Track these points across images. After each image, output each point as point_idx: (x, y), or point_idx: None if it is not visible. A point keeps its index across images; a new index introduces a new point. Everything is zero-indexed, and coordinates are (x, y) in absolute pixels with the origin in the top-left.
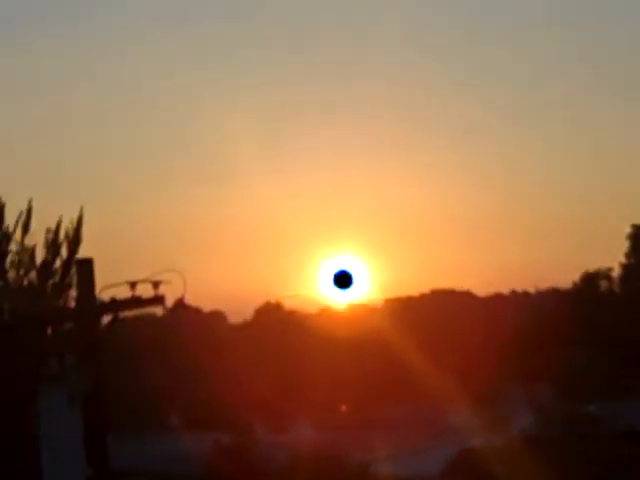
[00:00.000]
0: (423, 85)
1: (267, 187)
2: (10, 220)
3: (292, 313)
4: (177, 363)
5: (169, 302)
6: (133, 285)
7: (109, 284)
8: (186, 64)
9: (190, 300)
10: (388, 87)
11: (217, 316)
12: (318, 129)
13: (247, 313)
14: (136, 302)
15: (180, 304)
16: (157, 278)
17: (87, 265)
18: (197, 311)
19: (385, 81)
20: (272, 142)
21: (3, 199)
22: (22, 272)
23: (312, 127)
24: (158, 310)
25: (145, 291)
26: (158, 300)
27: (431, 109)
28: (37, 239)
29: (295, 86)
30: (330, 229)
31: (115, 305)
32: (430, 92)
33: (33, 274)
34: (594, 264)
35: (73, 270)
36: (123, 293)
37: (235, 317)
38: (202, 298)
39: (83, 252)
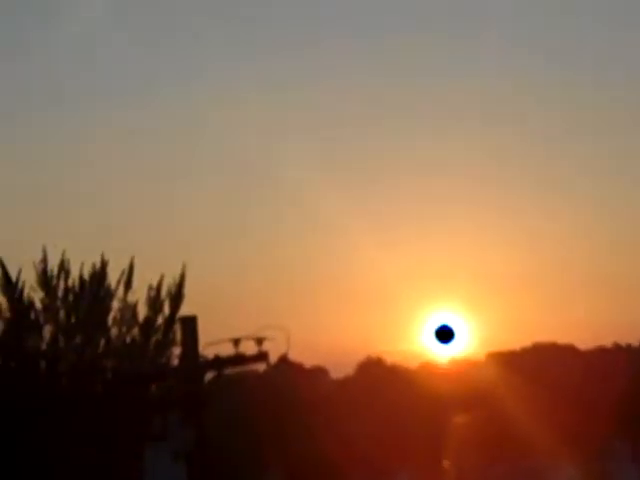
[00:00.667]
0: (509, 148)
1: (369, 241)
2: (113, 277)
3: (394, 367)
4: (278, 419)
5: (272, 358)
6: (236, 342)
7: (212, 341)
8: (283, 127)
9: (292, 356)
10: (479, 149)
11: (319, 371)
12: (420, 186)
13: (349, 368)
14: (240, 359)
15: (283, 360)
16: (260, 335)
17: (191, 322)
18: (299, 366)
19: (465, 145)
20: (372, 197)
21: (106, 257)
22: (125, 329)
23: (413, 184)
24: (260, 366)
25: (248, 348)
26: (262, 357)
27: (517, 168)
28: (139, 296)
29: (393, 142)
30: (431, 284)
31: (219, 362)
32: (517, 153)
33: (135, 331)
34: None
35: (175, 327)
36: (226, 350)
37: (337, 372)
38: (304, 353)
39: (185, 309)
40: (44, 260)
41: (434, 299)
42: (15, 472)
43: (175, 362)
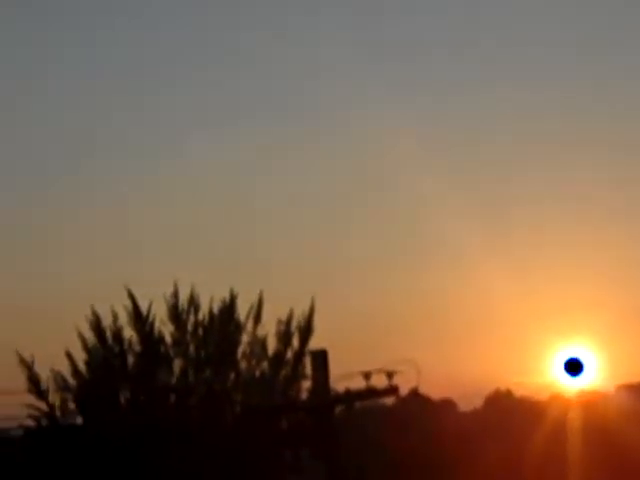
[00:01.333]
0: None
1: (495, 272)
2: (242, 311)
3: (522, 400)
4: (408, 451)
5: (402, 391)
6: (367, 375)
7: (343, 374)
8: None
9: (422, 388)
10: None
11: (447, 404)
12: (559, 233)
13: (477, 400)
14: (371, 393)
15: (414, 394)
16: (391, 368)
17: (321, 356)
18: (427, 399)
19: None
20: (511, 236)
21: (235, 291)
22: (254, 363)
23: (553, 230)
24: (389, 399)
25: (378, 381)
26: (392, 390)
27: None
28: (268, 330)
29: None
30: (562, 318)
31: (350, 396)
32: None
33: (265, 365)
34: None
35: (304, 360)
36: (356, 383)
37: (465, 405)
38: (433, 386)
39: (314, 342)
40: (175, 294)
41: (564, 333)
42: None
43: (304, 396)
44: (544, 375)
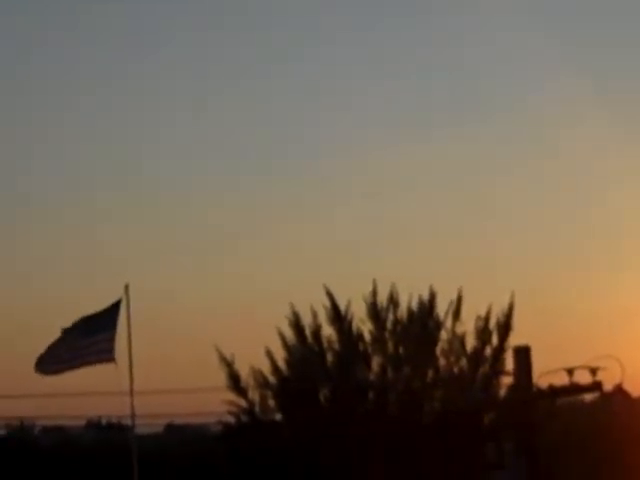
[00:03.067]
0: None
1: None
2: (441, 308)
3: None
4: (609, 451)
5: (606, 388)
6: (570, 371)
7: (546, 371)
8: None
9: (625, 385)
10: None
11: None
12: None
13: None
14: (575, 389)
15: (618, 390)
16: (594, 364)
17: (524, 352)
18: (629, 397)
19: None
20: None
21: (434, 288)
22: (452, 360)
23: None
24: (588, 396)
25: (580, 377)
26: (596, 386)
27: None
28: (467, 327)
29: None
30: None
31: (553, 392)
32: None
33: (464, 362)
34: None
35: (503, 357)
36: (558, 380)
37: None
38: (635, 383)
39: (514, 339)
40: (374, 293)
41: None
42: None
43: (502, 392)
44: None
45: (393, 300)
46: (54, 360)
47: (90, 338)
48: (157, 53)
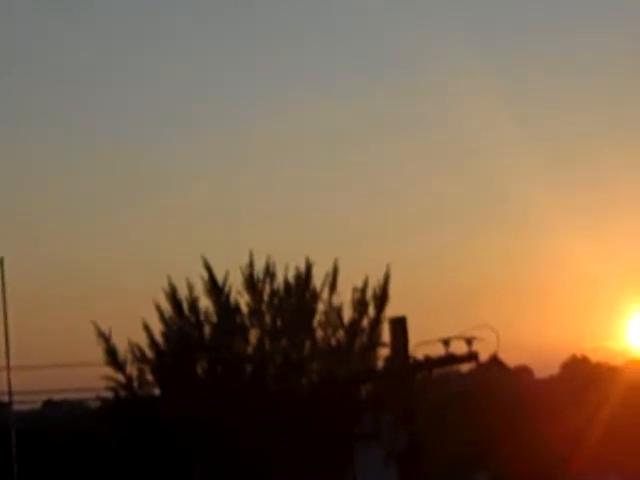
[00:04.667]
0: None
1: (568, 235)
2: (317, 280)
3: (598, 366)
4: (486, 419)
5: (481, 358)
6: (446, 342)
7: (422, 341)
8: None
9: (499, 355)
10: None
11: (523, 371)
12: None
13: (553, 367)
14: (451, 359)
15: (494, 360)
16: (470, 335)
17: (401, 323)
18: (504, 366)
19: None
20: (581, 195)
21: (310, 259)
22: (330, 332)
23: (626, 185)
24: (465, 366)
25: (457, 348)
26: (472, 357)
27: None
28: (344, 298)
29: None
30: (637, 278)
31: (429, 363)
32: None
33: (341, 333)
34: None
35: (380, 328)
36: (434, 350)
37: (541, 372)
38: (509, 353)
39: (391, 311)
40: (250, 264)
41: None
42: (224, 472)
43: (380, 364)
44: (620, 340)
45: (270, 272)
46: None
47: None
48: None
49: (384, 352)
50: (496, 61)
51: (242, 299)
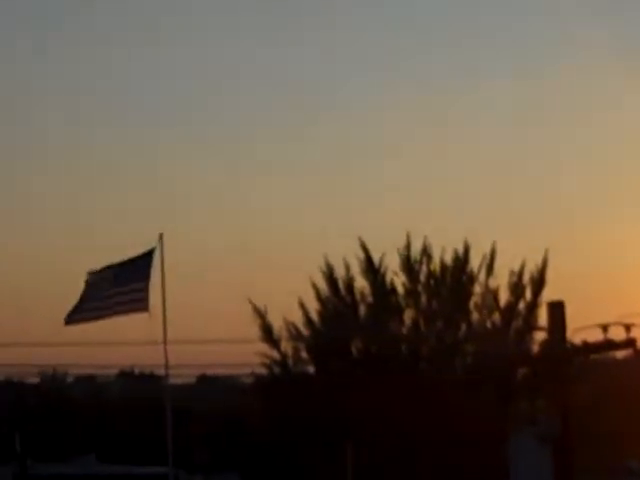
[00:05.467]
0: None
1: None
2: (475, 262)
3: None
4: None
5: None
6: (605, 328)
7: (580, 326)
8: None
9: None
10: None
11: None
12: None
13: None
14: (608, 345)
15: None
16: (629, 321)
17: (559, 308)
18: None
19: None
20: None
21: (469, 241)
22: (486, 314)
23: None
24: (621, 352)
25: (615, 334)
26: (630, 343)
27: None
28: (501, 282)
29: None
30: None
31: (587, 348)
32: None
33: (497, 316)
34: None
35: (537, 312)
36: (593, 336)
37: None
38: None
39: (547, 295)
40: (407, 246)
41: None
42: (377, 451)
43: (535, 348)
44: None
45: (427, 253)
46: (84, 309)
47: (122, 287)
48: None
49: (540, 337)
50: None
51: (398, 280)
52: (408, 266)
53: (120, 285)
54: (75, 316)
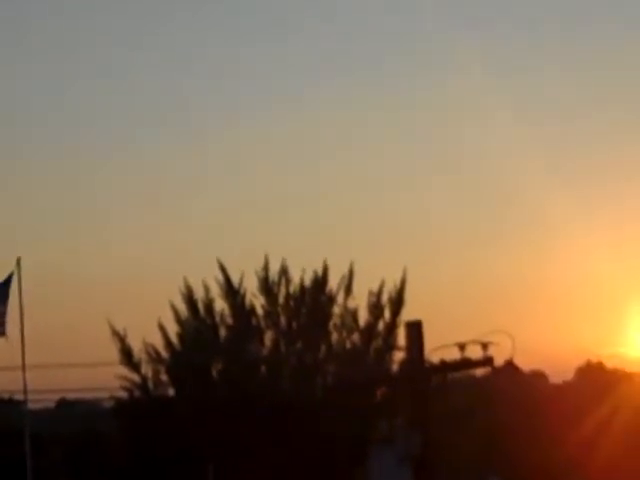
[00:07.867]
0: None
1: (588, 243)
2: (333, 283)
3: (615, 372)
4: (501, 423)
5: (497, 363)
6: (462, 347)
7: (438, 346)
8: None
9: (514, 360)
10: None
11: (538, 376)
12: None
13: (568, 373)
14: (465, 364)
15: (509, 365)
16: (485, 339)
17: (416, 327)
18: (518, 371)
19: None
20: (591, 196)
21: (327, 262)
22: (345, 334)
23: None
24: (480, 371)
25: (472, 352)
26: (487, 361)
27: None
28: (360, 302)
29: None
30: None
31: (444, 367)
32: None
33: (356, 336)
34: None
35: (396, 332)
36: (449, 354)
37: (556, 377)
38: (524, 358)
39: (406, 314)
40: (266, 267)
41: None
42: (236, 472)
43: (395, 367)
44: (636, 347)
45: (285, 274)
46: None
47: None
48: None
49: (399, 356)
50: None
51: (257, 301)
52: (267, 287)
53: None
54: None
